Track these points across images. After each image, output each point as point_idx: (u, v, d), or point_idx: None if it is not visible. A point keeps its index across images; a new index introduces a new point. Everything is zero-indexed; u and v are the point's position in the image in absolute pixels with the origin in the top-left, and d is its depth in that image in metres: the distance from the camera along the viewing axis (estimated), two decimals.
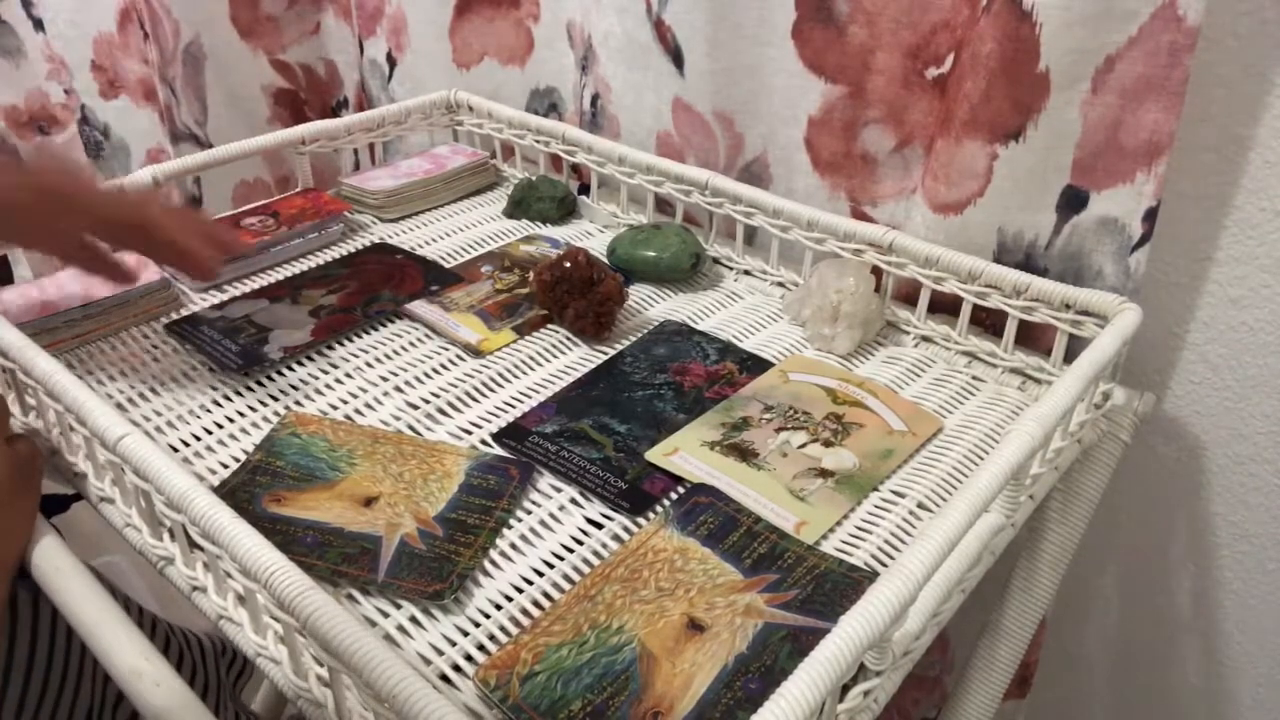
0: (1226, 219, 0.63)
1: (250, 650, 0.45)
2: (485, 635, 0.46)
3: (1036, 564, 0.65)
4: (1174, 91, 0.57)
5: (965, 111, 0.63)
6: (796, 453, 0.58)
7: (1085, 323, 0.60)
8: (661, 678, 0.43)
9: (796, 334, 0.71)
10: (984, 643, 0.68)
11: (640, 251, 0.76)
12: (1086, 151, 0.61)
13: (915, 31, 0.67)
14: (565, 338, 0.70)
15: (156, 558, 0.50)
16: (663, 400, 0.62)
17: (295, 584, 0.38)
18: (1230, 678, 0.76)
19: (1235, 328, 0.65)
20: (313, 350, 0.67)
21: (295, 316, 0.70)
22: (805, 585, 0.48)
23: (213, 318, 0.70)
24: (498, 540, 0.52)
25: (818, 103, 0.74)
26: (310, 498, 0.54)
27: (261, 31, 1.11)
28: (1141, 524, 0.76)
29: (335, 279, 0.76)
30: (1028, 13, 0.58)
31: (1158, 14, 0.55)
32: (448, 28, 0.97)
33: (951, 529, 0.41)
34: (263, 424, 0.60)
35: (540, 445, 0.58)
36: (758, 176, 0.81)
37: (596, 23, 0.84)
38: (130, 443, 0.46)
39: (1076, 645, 0.85)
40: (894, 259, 0.67)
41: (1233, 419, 0.68)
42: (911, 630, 0.43)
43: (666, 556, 0.50)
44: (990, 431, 0.61)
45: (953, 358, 0.68)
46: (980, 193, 0.65)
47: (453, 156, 0.92)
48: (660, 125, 0.84)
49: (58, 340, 0.66)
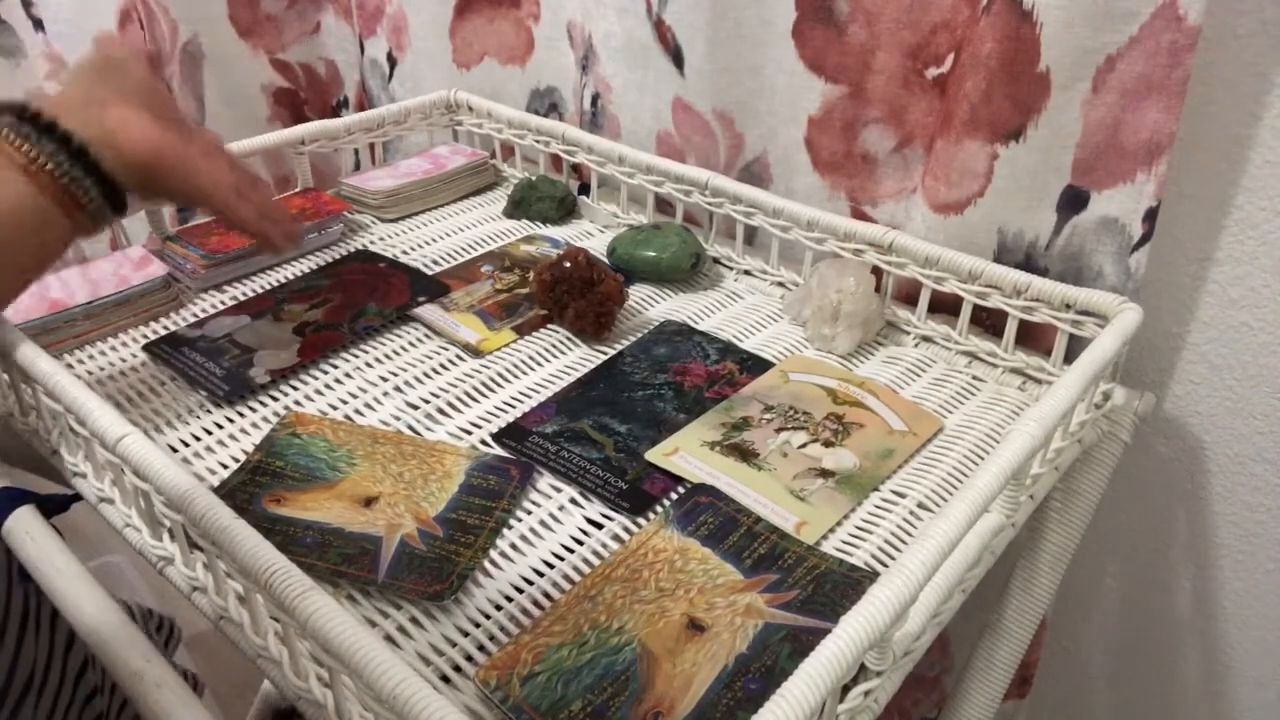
0: (1226, 219, 0.63)
1: (250, 650, 0.45)
2: (485, 635, 0.46)
3: (1036, 564, 0.65)
4: (1174, 91, 0.57)
5: (965, 111, 0.63)
6: (797, 453, 0.58)
7: (1085, 323, 0.60)
8: (662, 678, 0.43)
9: (797, 334, 0.71)
10: (984, 643, 0.68)
11: (640, 251, 0.76)
12: (1087, 151, 0.61)
13: (915, 31, 0.67)
14: (565, 338, 0.70)
15: (156, 558, 0.49)
16: (663, 400, 0.62)
17: (295, 584, 0.38)
18: (1230, 678, 0.76)
19: (1235, 328, 0.65)
20: (301, 372, 0.65)
21: (279, 335, 0.68)
22: (805, 585, 0.48)
23: (193, 337, 0.68)
24: (498, 540, 0.52)
25: (818, 103, 0.74)
26: (310, 498, 0.54)
27: (261, 31, 1.11)
28: (1141, 524, 0.76)
29: (318, 292, 0.74)
30: (1028, 13, 0.58)
31: (1158, 13, 0.55)
32: (448, 28, 0.97)
33: (952, 529, 0.41)
34: (262, 424, 0.60)
35: (540, 445, 0.58)
36: (758, 176, 0.81)
37: (597, 23, 0.84)
38: (130, 443, 0.46)
39: (1076, 645, 0.85)
40: (894, 259, 0.67)
41: (1233, 419, 0.68)
42: (912, 630, 0.43)
43: (667, 557, 0.50)
44: (990, 431, 0.61)
45: (953, 358, 0.68)
46: (980, 193, 0.65)
47: (453, 156, 0.92)
48: (660, 125, 0.84)
49: (58, 340, 0.66)
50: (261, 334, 0.68)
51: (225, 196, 0.55)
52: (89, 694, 0.68)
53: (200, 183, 0.54)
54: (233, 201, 0.56)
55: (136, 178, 0.51)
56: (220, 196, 0.55)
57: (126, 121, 0.50)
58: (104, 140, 0.49)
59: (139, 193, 0.53)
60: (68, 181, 0.46)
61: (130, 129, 0.50)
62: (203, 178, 0.54)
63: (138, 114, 0.51)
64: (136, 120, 0.50)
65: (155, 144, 0.51)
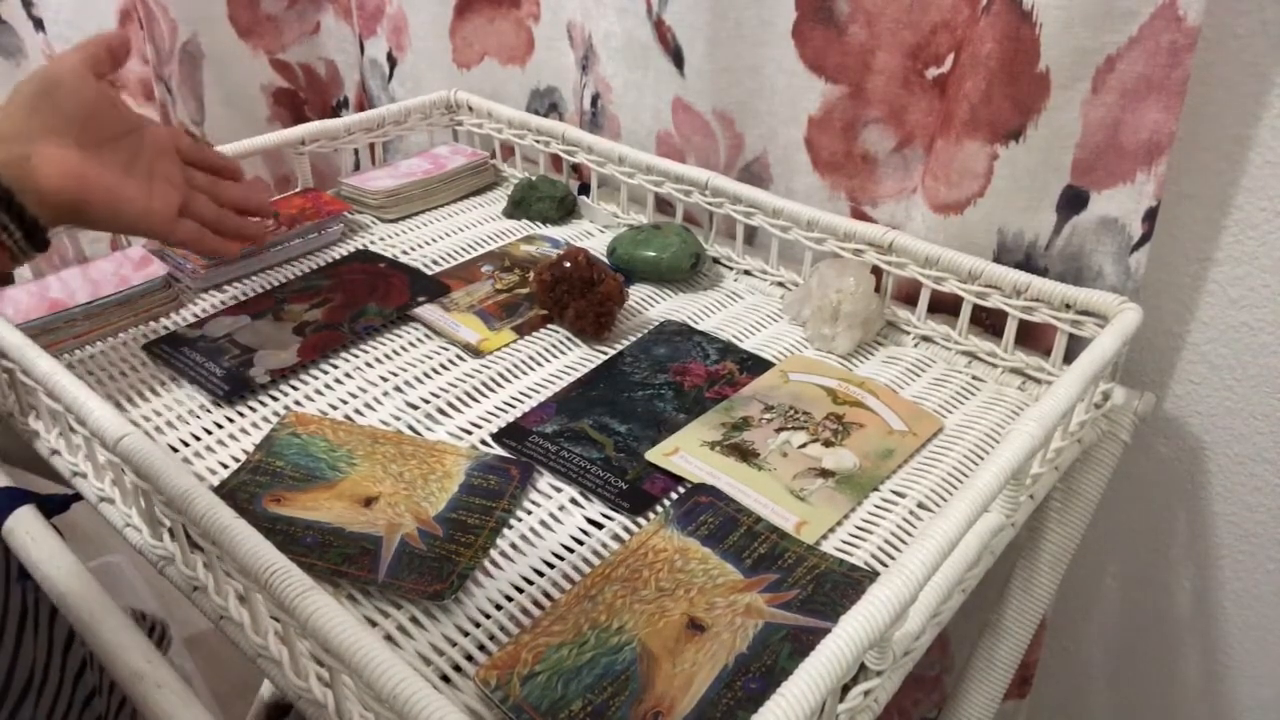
0: (1226, 219, 0.63)
1: (250, 650, 0.45)
2: (485, 635, 0.46)
3: (1036, 564, 0.65)
4: (1174, 91, 0.57)
5: (965, 111, 0.63)
6: (797, 453, 0.58)
7: (1085, 322, 0.60)
8: (662, 677, 0.43)
9: (796, 334, 0.71)
10: (984, 643, 0.68)
11: (640, 251, 0.76)
12: (1087, 151, 0.61)
13: (915, 31, 0.67)
14: (565, 338, 0.70)
15: (156, 558, 0.50)
16: (663, 400, 0.62)
17: (295, 584, 0.38)
18: (1230, 678, 0.76)
19: (1235, 328, 0.65)
20: (301, 372, 0.65)
21: (279, 335, 0.68)
22: (805, 585, 0.48)
23: (193, 337, 0.68)
24: (498, 540, 0.52)
25: (818, 103, 0.74)
26: (310, 498, 0.54)
27: (261, 31, 1.11)
28: (1141, 524, 0.76)
29: (318, 291, 0.74)
30: (1028, 13, 0.58)
31: (1158, 14, 0.55)
32: (448, 28, 0.97)
33: (952, 529, 0.41)
34: (262, 424, 0.60)
35: (540, 445, 0.58)
36: (758, 176, 0.81)
37: (597, 22, 0.84)
38: (130, 442, 0.46)
39: (1076, 645, 0.85)
40: (894, 259, 0.67)
41: (1233, 419, 0.68)
42: (912, 630, 0.43)
43: (667, 556, 0.50)
44: (990, 431, 0.61)
45: (953, 358, 0.68)
46: (980, 193, 0.65)
47: (453, 156, 0.92)
48: (660, 125, 0.84)
49: (58, 340, 0.66)
50: (261, 334, 0.68)
51: (154, 224, 0.57)
52: (88, 695, 0.68)
53: (128, 214, 0.55)
54: (164, 228, 0.57)
55: (61, 216, 0.53)
56: (149, 224, 0.57)
57: (50, 160, 0.51)
58: (26, 183, 0.50)
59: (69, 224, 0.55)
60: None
61: (52, 168, 0.51)
62: (131, 208, 0.55)
63: (63, 152, 0.52)
64: (60, 159, 0.51)
65: (78, 183, 0.52)
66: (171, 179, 0.58)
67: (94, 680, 0.68)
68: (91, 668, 0.68)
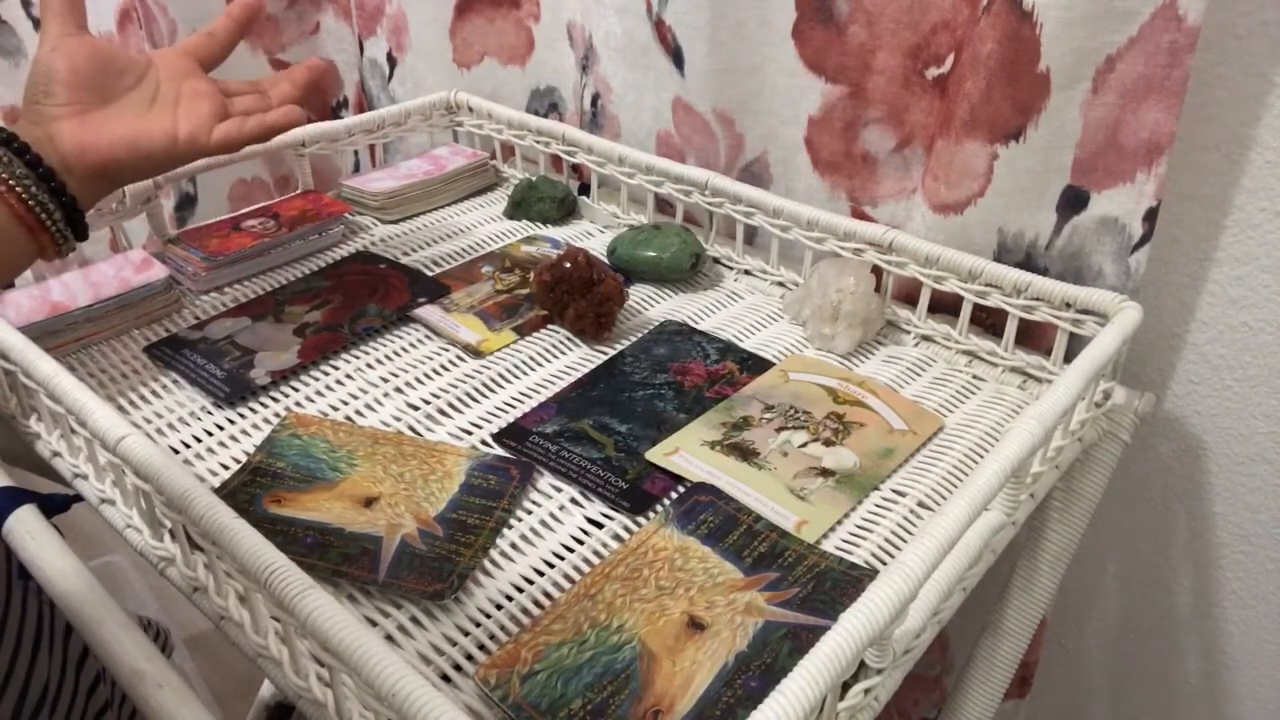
0: (1227, 219, 0.63)
1: (250, 650, 0.45)
2: (486, 635, 0.47)
3: (1036, 563, 0.65)
4: (1174, 91, 0.57)
5: (965, 111, 0.63)
6: (797, 452, 0.58)
7: (1085, 321, 0.60)
8: (662, 676, 0.43)
9: (797, 333, 0.71)
10: (984, 642, 0.68)
11: (640, 251, 0.76)
12: (1087, 151, 0.61)
13: (915, 31, 0.67)
14: (565, 338, 0.70)
15: (157, 558, 0.50)
16: (663, 400, 0.63)
17: (295, 584, 0.38)
18: (1230, 678, 0.76)
19: (1235, 328, 0.65)
20: (301, 373, 0.65)
21: (280, 336, 0.68)
22: (806, 583, 0.48)
23: (194, 339, 0.68)
24: (498, 540, 0.52)
25: (818, 103, 0.74)
26: (311, 498, 0.54)
27: (260, 31, 1.11)
28: (1141, 524, 0.76)
29: (318, 293, 0.74)
30: (1028, 13, 0.58)
31: (1158, 14, 0.55)
32: (448, 28, 0.97)
33: (952, 527, 0.41)
34: (263, 425, 0.60)
35: (540, 445, 0.58)
36: (758, 176, 0.81)
37: (597, 23, 0.84)
38: (131, 443, 0.46)
39: (1076, 645, 0.85)
40: (894, 258, 0.67)
41: (1233, 419, 0.68)
42: (912, 628, 0.43)
43: (667, 555, 0.50)
44: (991, 430, 0.61)
45: (953, 357, 0.68)
46: (980, 193, 0.65)
47: (453, 157, 0.92)
48: (660, 125, 0.84)
49: (60, 343, 0.66)
50: (262, 335, 0.68)
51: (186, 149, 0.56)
52: (100, 709, 0.68)
53: (157, 153, 0.55)
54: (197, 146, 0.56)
55: (98, 186, 0.54)
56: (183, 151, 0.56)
57: (63, 133, 0.52)
58: (53, 160, 0.51)
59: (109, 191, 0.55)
60: (35, 206, 0.50)
61: (67, 140, 0.52)
62: (157, 144, 0.55)
63: (72, 122, 0.53)
64: (71, 130, 0.52)
65: (94, 144, 0.53)
66: (197, 93, 0.58)
67: (106, 694, 0.68)
68: (104, 682, 0.68)
